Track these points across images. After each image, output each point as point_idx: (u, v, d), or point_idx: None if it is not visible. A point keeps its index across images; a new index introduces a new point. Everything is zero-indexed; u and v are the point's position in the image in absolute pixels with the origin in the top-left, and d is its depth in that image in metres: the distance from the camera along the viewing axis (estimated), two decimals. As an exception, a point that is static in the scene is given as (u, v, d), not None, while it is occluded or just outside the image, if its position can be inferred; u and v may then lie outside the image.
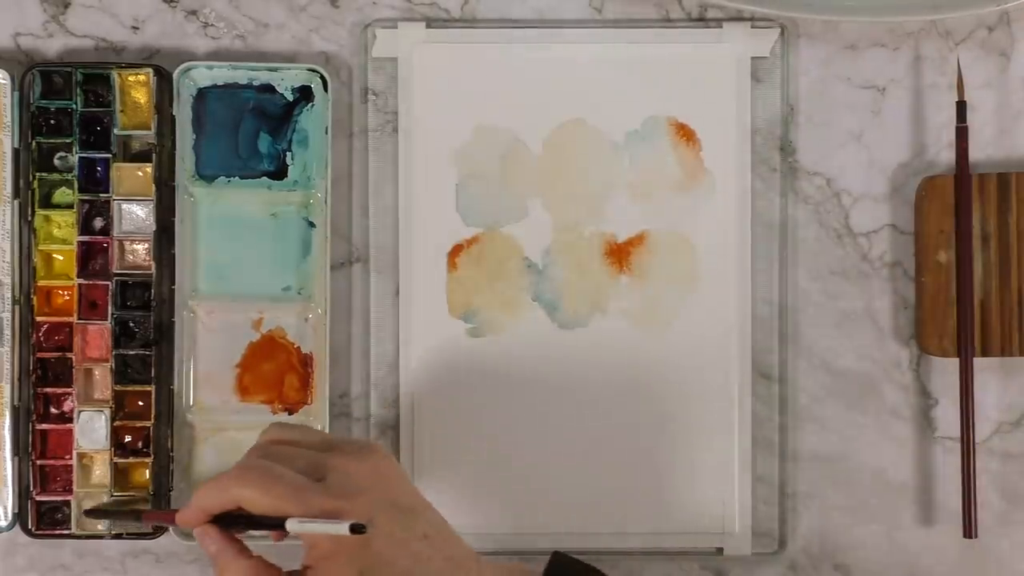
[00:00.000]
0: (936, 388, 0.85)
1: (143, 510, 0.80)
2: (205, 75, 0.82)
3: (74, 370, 0.82)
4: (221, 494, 0.69)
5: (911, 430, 0.84)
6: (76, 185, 0.82)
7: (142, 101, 0.83)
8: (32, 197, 0.82)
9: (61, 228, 0.82)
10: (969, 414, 0.82)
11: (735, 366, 0.83)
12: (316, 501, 0.68)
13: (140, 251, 0.83)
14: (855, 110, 0.85)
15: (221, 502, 0.69)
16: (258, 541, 0.83)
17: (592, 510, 0.83)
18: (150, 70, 0.82)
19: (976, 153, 0.84)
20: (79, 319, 0.82)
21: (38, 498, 0.82)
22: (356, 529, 0.65)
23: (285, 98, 0.83)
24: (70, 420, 0.82)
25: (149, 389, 0.82)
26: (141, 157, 0.83)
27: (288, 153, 0.83)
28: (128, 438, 0.82)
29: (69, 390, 0.82)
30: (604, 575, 0.72)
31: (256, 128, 0.83)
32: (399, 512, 0.70)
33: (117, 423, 0.82)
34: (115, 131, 0.82)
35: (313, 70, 0.82)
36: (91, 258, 0.82)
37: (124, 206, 0.82)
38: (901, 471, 0.84)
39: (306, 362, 0.83)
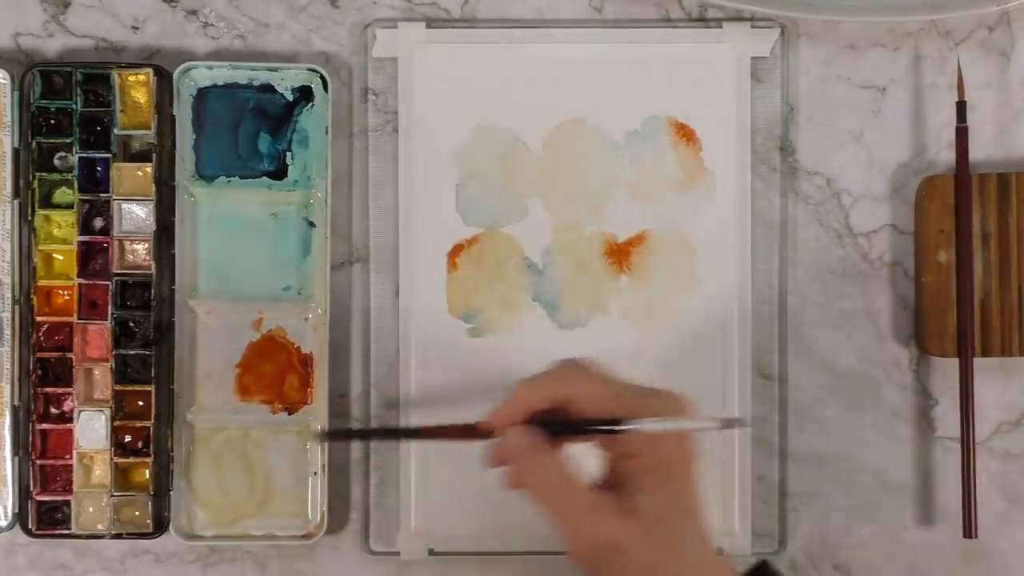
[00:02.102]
0: (936, 388, 0.85)
1: (408, 429, 0.76)
2: (205, 75, 0.82)
3: (74, 370, 0.82)
4: (550, 389, 0.68)
5: (911, 430, 0.84)
6: (76, 185, 0.82)
7: (142, 101, 0.83)
8: (32, 197, 0.82)
9: (61, 228, 0.82)
10: (969, 414, 0.82)
11: (735, 366, 0.83)
12: (649, 403, 0.67)
13: (140, 251, 0.83)
14: (855, 110, 0.85)
15: (549, 396, 0.68)
16: (257, 542, 0.83)
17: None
18: (150, 70, 0.82)
19: (976, 153, 0.84)
20: (79, 319, 0.82)
21: (38, 498, 0.82)
22: (730, 423, 0.63)
23: (285, 98, 0.83)
24: (70, 420, 0.82)
25: (149, 389, 0.82)
26: (141, 157, 0.83)
27: (288, 153, 0.83)
28: (128, 438, 0.82)
29: (69, 390, 0.82)
30: None
31: (256, 128, 0.83)
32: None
33: (117, 423, 0.82)
34: (115, 131, 0.82)
35: (313, 70, 0.82)
36: (91, 258, 0.82)
37: (124, 206, 0.82)
38: (901, 471, 0.84)
39: (306, 362, 0.83)
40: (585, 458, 0.70)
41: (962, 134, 0.83)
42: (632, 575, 0.67)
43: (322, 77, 0.82)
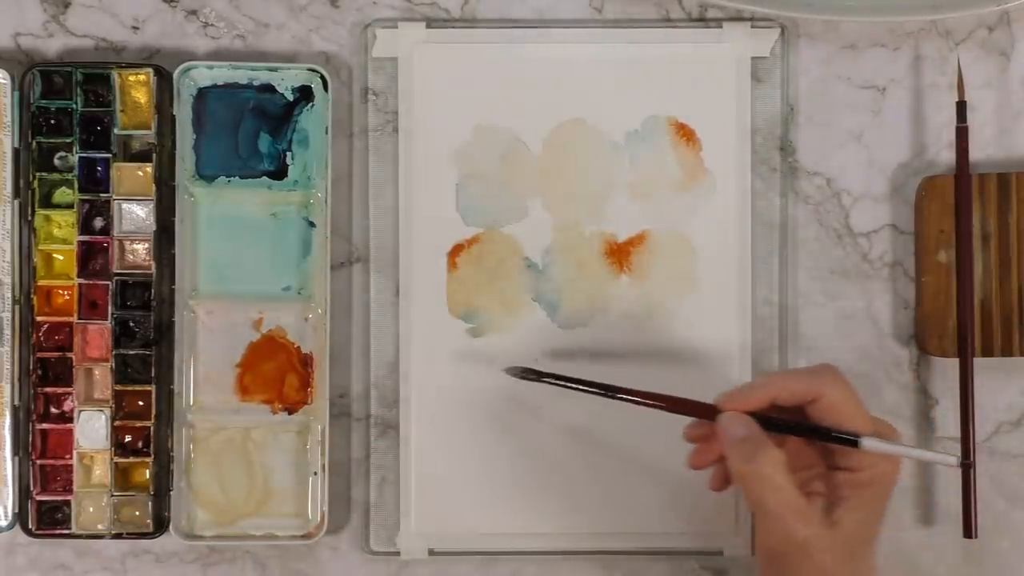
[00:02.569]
0: (936, 388, 0.85)
1: (628, 390, 0.76)
2: (205, 75, 0.82)
3: (74, 370, 0.82)
4: (804, 383, 0.70)
5: (911, 430, 0.84)
6: (76, 185, 0.82)
7: (142, 101, 0.83)
8: (32, 197, 0.82)
9: (61, 228, 0.82)
10: (969, 414, 0.82)
11: (735, 366, 0.83)
12: (882, 430, 0.71)
13: (140, 251, 0.83)
14: (855, 110, 0.85)
15: (799, 390, 0.70)
16: (257, 542, 0.83)
17: (592, 510, 0.83)
18: (150, 70, 0.82)
19: (976, 153, 0.84)
20: (79, 319, 0.82)
21: (38, 498, 0.82)
22: (965, 464, 0.66)
23: (285, 98, 0.83)
24: (70, 420, 0.82)
25: (149, 389, 0.82)
26: (141, 157, 0.83)
27: (288, 153, 0.83)
28: (128, 438, 0.82)
29: (69, 390, 0.82)
30: None
31: (256, 128, 0.83)
32: None
33: (117, 423, 0.82)
34: (115, 131, 0.82)
35: (313, 70, 0.82)
36: (91, 258, 0.82)
37: (124, 206, 0.82)
38: (901, 471, 0.84)
39: (306, 362, 0.83)
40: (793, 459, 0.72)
41: (962, 134, 0.83)
42: None
43: (322, 77, 0.82)
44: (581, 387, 0.77)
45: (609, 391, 0.76)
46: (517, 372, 0.78)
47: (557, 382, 0.77)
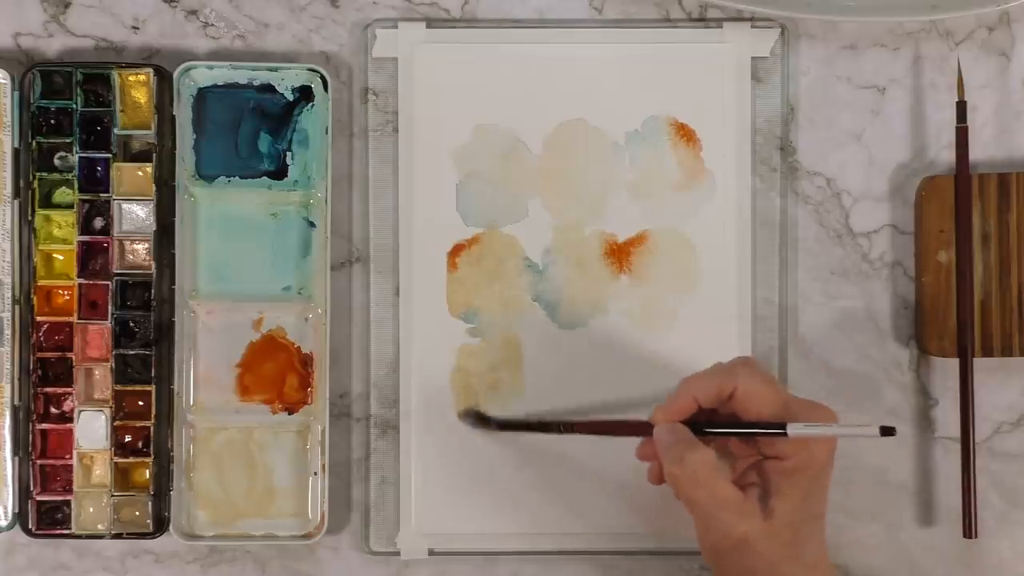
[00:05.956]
0: (936, 388, 0.85)
1: (571, 422, 0.79)
2: (205, 75, 0.82)
3: (74, 370, 0.82)
4: (717, 382, 0.71)
5: (911, 430, 0.84)
6: (76, 185, 0.82)
7: (142, 101, 0.83)
8: (32, 197, 0.82)
9: (61, 228, 0.82)
10: (969, 414, 0.82)
11: (735, 366, 0.83)
12: (810, 414, 0.71)
13: (140, 251, 0.83)
14: (855, 110, 0.85)
15: (715, 390, 0.71)
16: (257, 542, 0.83)
17: (592, 510, 0.83)
18: (150, 70, 0.82)
19: (976, 153, 0.84)
20: (79, 319, 0.82)
21: (38, 498, 0.82)
22: (887, 431, 0.67)
23: (285, 98, 0.83)
24: (70, 420, 0.82)
25: (149, 389, 0.82)
26: (141, 157, 0.83)
27: (288, 153, 0.83)
28: (128, 438, 0.82)
29: (69, 390, 0.82)
30: None
31: (256, 128, 0.83)
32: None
33: (117, 423, 0.82)
34: (115, 131, 0.82)
35: (313, 70, 0.82)
36: (91, 258, 0.82)
37: (124, 206, 0.82)
38: (901, 471, 0.84)
39: (306, 362, 0.83)
40: (727, 455, 0.73)
41: (962, 134, 0.83)
42: (756, 572, 0.71)
43: (322, 77, 0.82)
44: (530, 430, 0.81)
45: (556, 428, 0.79)
46: (466, 417, 0.82)
47: (504, 429, 0.81)
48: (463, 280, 0.84)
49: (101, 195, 0.82)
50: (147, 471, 0.82)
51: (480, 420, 0.82)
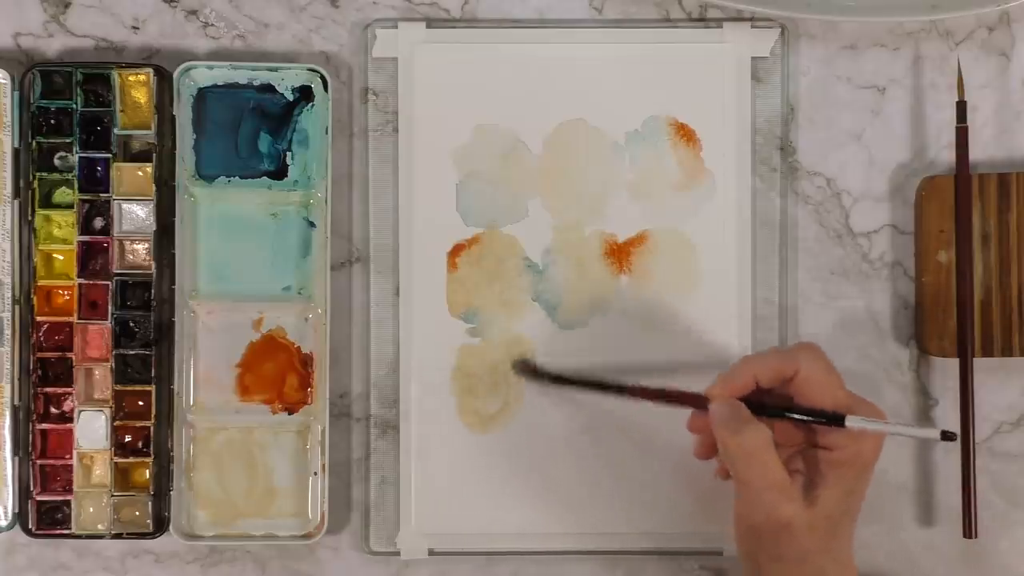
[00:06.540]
0: (936, 388, 0.85)
1: (625, 385, 0.78)
2: (205, 75, 0.82)
3: (74, 370, 0.82)
4: (780, 362, 0.71)
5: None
6: (76, 185, 0.82)
7: (142, 101, 0.83)
8: (32, 197, 0.82)
9: (61, 228, 0.82)
10: (969, 414, 0.82)
11: (735, 366, 0.83)
12: (863, 408, 0.71)
13: (140, 251, 0.83)
14: (855, 110, 0.85)
15: (778, 369, 0.71)
16: (257, 542, 0.83)
17: (592, 510, 0.83)
18: (150, 70, 0.82)
19: (976, 153, 0.84)
20: (79, 319, 0.82)
21: (38, 498, 0.82)
22: (948, 435, 0.67)
23: (285, 98, 0.83)
24: (70, 420, 0.82)
25: (149, 389, 0.82)
26: (141, 157, 0.83)
27: (288, 153, 0.83)
28: (128, 438, 0.82)
29: (69, 390, 0.82)
30: None
31: (256, 128, 0.83)
32: None
33: (117, 423, 0.82)
34: (115, 131, 0.82)
35: (313, 70, 0.82)
36: (91, 258, 0.82)
37: (124, 206, 0.82)
38: (901, 471, 0.84)
39: (306, 362, 0.83)
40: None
41: (962, 134, 0.83)
42: (787, 559, 0.71)
43: (322, 77, 0.82)
44: (583, 387, 0.79)
45: (610, 389, 0.78)
46: (519, 368, 0.81)
47: (558, 383, 0.80)
48: (463, 280, 0.84)
49: (101, 195, 0.82)
50: (147, 471, 0.82)
51: (534, 373, 0.82)
